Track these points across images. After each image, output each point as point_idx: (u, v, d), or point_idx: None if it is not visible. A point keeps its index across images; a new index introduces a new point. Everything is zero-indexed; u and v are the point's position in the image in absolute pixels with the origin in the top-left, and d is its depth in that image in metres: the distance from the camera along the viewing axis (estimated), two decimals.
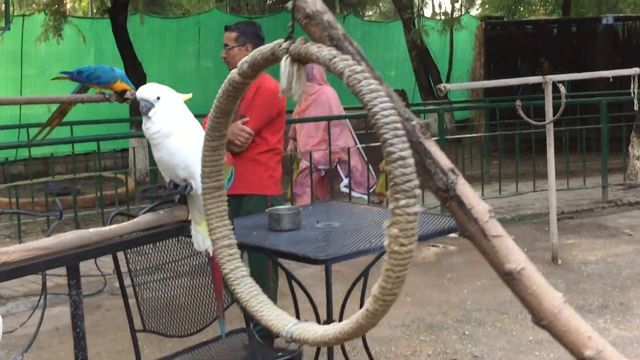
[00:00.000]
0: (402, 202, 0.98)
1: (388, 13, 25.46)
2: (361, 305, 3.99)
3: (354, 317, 1.08)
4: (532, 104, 9.02)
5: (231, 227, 1.37)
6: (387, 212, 4.33)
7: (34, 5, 14.29)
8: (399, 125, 0.98)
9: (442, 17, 17.32)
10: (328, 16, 1.11)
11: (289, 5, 1.13)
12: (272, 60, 1.15)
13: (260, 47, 1.18)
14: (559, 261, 6.85)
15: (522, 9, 20.63)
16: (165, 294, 3.23)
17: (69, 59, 13.32)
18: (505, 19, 17.62)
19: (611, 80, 7.18)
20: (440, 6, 16.55)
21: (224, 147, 1.28)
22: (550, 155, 6.91)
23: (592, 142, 9.98)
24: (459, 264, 6.97)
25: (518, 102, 6.86)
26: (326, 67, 1.07)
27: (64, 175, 9.37)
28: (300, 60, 1.10)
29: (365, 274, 3.79)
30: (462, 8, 19.02)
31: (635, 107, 7.44)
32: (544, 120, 6.88)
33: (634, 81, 7.27)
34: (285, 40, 1.14)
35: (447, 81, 15.41)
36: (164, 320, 3.14)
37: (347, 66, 1.02)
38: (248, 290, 1.24)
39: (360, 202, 7.30)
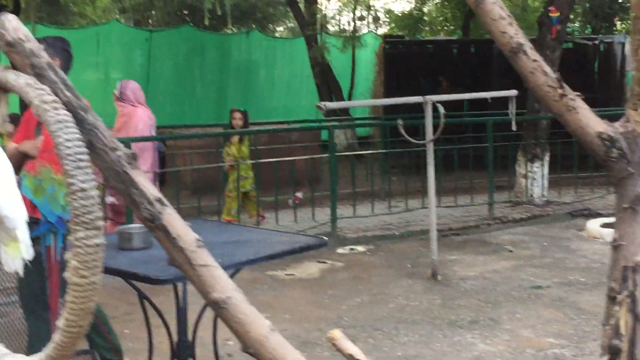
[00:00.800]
0: (81, 234, 0.98)
1: (296, 29, 25.60)
2: (215, 324, 3.97)
3: (45, 350, 1.07)
4: (420, 122, 9.18)
5: None
6: (251, 230, 4.34)
7: None
8: (82, 157, 0.98)
9: (349, 34, 17.46)
10: (31, 45, 1.10)
11: None
12: None
13: None
14: (439, 277, 6.98)
15: (427, 28, 21.10)
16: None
17: None
18: (406, 38, 17.98)
19: (490, 101, 7.40)
20: (349, 24, 16.71)
21: None
22: (430, 173, 7.07)
23: (483, 161, 10.23)
24: (342, 280, 7.03)
25: (399, 121, 6.99)
26: (20, 95, 1.05)
27: None
28: (1, 87, 1.09)
29: None
30: (368, 26, 19.28)
31: (513, 127, 7.71)
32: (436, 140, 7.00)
33: (511, 102, 7.53)
34: None
35: (350, 98, 15.60)
36: None
37: (38, 96, 1.02)
38: None
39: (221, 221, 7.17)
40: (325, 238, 3.70)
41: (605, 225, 8.30)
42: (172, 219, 1.11)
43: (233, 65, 17.11)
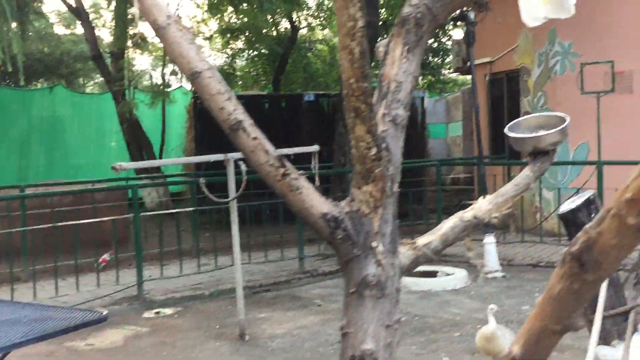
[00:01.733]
0: None
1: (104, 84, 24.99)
2: None
3: None
4: (218, 180, 8.99)
5: None
6: (25, 307, 4.00)
7: None
8: None
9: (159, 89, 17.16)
10: None
11: None
12: None
13: None
14: (247, 337, 6.85)
15: (239, 83, 21.22)
16: None
17: None
18: None
19: (292, 157, 7.44)
20: (163, 78, 16.38)
21: None
22: (235, 231, 6.97)
23: (293, 215, 10.25)
24: (147, 347, 6.73)
25: (202, 180, 6.87)
26: None
27: None
28: None
29: None
30: (180, 80, 19.08)
31: (316, 182, 7.79)
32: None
33: (314, 157, 7.64)
34: None
35: (161, 154, 15.27)
36: None
37: None
38: None
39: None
40: (105, 312, 3.47)
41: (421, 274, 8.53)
42: None
43: (36, 122, 16.33)
